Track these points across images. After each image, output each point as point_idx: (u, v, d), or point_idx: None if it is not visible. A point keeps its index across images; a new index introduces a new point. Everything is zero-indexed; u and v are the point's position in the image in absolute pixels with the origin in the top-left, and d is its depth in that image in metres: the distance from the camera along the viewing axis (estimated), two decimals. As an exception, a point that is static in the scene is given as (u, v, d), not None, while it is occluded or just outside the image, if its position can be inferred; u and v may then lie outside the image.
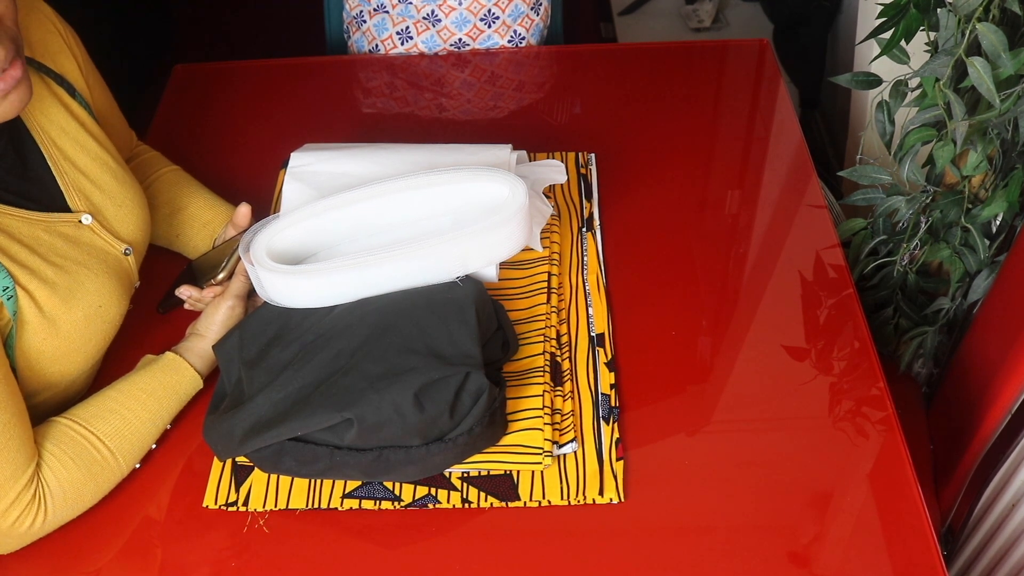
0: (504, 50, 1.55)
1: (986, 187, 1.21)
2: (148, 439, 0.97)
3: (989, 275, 1.24)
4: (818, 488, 0.95)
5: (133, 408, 0.95)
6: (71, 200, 0.97)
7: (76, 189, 0.98)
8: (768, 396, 1.03)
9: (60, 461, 0.90)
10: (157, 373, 0.99)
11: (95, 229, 0.98)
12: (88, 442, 0.92)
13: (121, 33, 2.44)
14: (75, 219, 0.97)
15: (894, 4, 1.08)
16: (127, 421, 0.95)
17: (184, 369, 1.00)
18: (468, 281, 1.02)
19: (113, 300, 0.98)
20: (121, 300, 0.99)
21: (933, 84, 1.10)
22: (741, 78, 1.47)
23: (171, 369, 0.99)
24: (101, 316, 0.96)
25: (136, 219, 1.03)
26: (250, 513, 0.94)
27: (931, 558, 0.89)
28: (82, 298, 0.94)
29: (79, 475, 0.91)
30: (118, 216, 1.01)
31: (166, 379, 0.99)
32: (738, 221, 1.24)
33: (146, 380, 0.98)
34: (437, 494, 0.94)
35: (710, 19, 2.52)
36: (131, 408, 0.95)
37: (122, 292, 1.00)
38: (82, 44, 1.04)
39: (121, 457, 0.94)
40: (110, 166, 1.02)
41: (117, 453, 0.94)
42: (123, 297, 1.00)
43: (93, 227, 0.98)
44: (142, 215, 1.05)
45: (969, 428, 1.17)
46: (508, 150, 1.16)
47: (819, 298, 1.12)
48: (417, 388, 0.89)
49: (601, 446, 0.97)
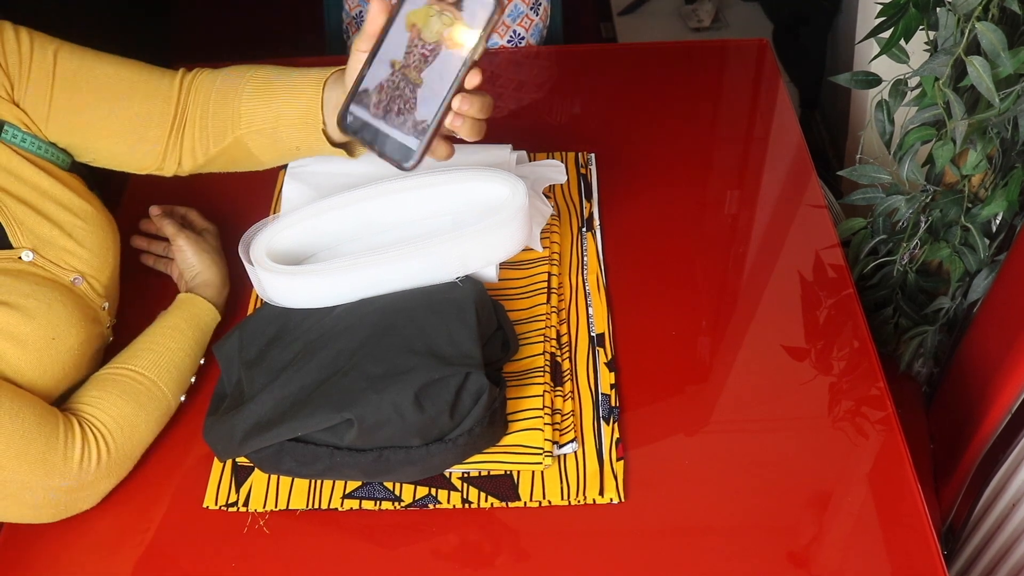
0: (504, 50, 1.55)
1: (986, 186, 1.21)
2: (186, 370, 1.00)
3: (989, 274, 1.24)
4: (818, 488, 0.95)
5: (164, 343, 0.99)
6: (12, 236, 0.93)
7: (17, 224, 0.93)
8: (768, 396, 1.03)
9: (104, 398, 0.93)
10: (175, 311, 1.03)
11: (37, 264, 0.94)
12: (128, 377, 0.95)
13: (121, 33, 2.43)
14: (14, 256, 0.93)
15: (893, 3, 1.08)
16: (161, 355, 0.98)
17: (199, 302, 1.04)
18: (468, 281, 1.02)
19: (69, 330, 0.93)
20: (80, 328, 0.95)
21: (932, 83, 1.10)
22: (741, 78, 1.47)
23: (188, 304, 1.03)
24: (56, 347, 0.92)
25: (93, 245, 0.98)
26: (250, 514, 0.94)
27: (931, 558, 0.89)
28: (32, 332, 0.90)
29: (127, 406, 0.94)
30: (68, 247, 0.96)
31: (185, 314, 1.02)
32: (738, 221, 1.24)
33: (168, 319, 1.02)
34: (437, 494, 0.94)
35: (710, 19, 2.52)
36: (162, 343, 0.99)
37: (80, 319, 0.95)
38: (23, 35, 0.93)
39: (165, 386, 0.97)
40: (54, 194, 0.96)
41: (160, 382, 0.97)
42: (82, 324, 0.95)
43: (35, 262, 0.94)
44: (100, 239, 0.99)
45: (969, 427, 1.17)
46: (508, 150, 1.16)
47: (819, 298, 1.12)
48: (417, 388, 0.89)
49: (601, 446, 0.97)
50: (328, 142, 0.92)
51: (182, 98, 0.98)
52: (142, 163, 1.01)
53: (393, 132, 0.77)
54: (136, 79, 0.97)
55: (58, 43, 0.95)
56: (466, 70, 0.75)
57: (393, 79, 0.76)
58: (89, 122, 0.96)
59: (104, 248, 1.00)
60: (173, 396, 0.98)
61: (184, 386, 1.01)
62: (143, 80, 0.97)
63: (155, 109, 0.97)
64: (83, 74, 0.95)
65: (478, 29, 0.74)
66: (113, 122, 0.97)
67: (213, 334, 1.06)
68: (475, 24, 0.73)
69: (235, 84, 0.97)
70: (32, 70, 0.93)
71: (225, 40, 2.73)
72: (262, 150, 0.98)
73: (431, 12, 0.74)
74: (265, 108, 0.94)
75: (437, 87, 0.76)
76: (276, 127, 0.94)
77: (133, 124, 0.97)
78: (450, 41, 0.74)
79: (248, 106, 0.95)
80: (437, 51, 0.75)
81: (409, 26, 0.75)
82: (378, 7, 0.76)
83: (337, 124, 0.79)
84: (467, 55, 0.74)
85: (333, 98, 0.90)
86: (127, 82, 0.97)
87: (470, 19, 0.73)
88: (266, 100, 0.94)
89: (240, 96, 0.96)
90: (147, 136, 0.98)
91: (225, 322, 1.08)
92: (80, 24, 1.07)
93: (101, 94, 0.96)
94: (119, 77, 0.96)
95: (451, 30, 0.74)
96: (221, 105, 0.97)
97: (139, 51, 1.01)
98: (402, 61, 0.76)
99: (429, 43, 0.75)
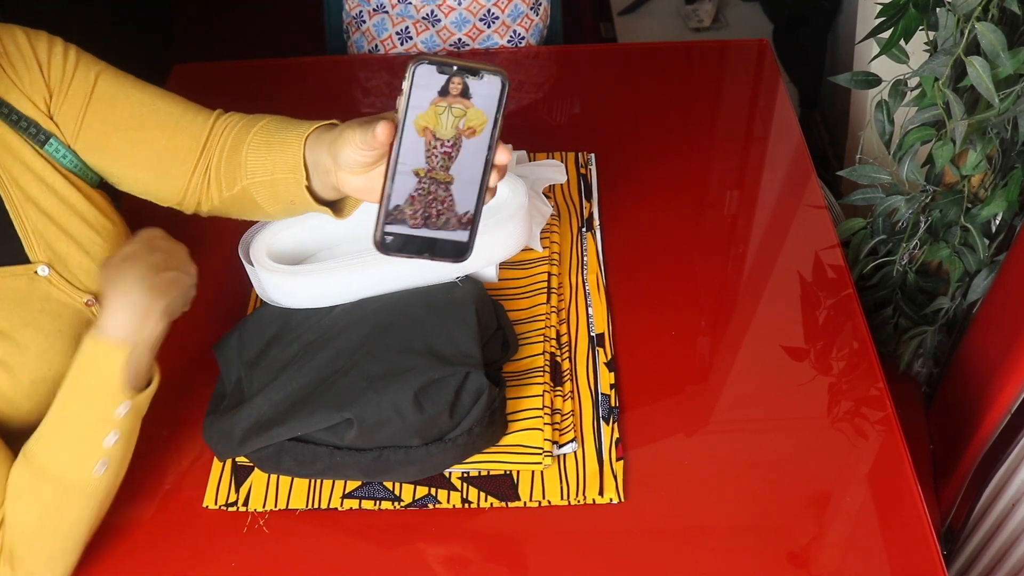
0: (504, 50, 1.55)
1: (985, 186, 1.21)
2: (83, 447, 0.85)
3: (988, 275, 1.24)
4: (818, 488, 0.95)
5: (57, 413, 0.85)
6: (30, 249, 0.90)
7: (37, 236, 0.90)
8: (768, 396, 1.03)
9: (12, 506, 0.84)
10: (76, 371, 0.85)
11: (52, 281, 0.90)
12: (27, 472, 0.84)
13: (121, 33, 2.44)
14: (30, 271, 0.89)
15: (893, 4, 1.08)
16: (54, 430, 0.84)
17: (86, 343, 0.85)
18: (468, 281, 1.02)
19: (63, 360, 0.88)
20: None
21: (932, 83, 1.10)
22: (741, 78, 1.47)
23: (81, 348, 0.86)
24: (52, 376, 0.88)
25: None
26: (250, 513, 0.94)
27: (931, 558, 0.89)
28: (26, 364, 0.87)
29: (29, 515, 0.84)
30: (84, 265, 0.93)
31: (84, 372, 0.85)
32: (738, 221, 1.24)
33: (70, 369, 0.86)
34: (437, 494, 0.94)
35: (710, 19, 2.52)
36: (56, 413, 0.85)
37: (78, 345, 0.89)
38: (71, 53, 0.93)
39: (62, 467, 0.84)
40: (80, 209, 0.93)
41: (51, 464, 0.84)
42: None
43: (50, 279, 0.90)
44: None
45: (969, 428, 1.17)
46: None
47: (818, 298, 1.12)
48: (417, 388, 0.89)
49: (601, 446, 0.97)
50: (313, 199, 0.89)
51: (211, 140, 0.96)
52: (165, 196, 0.98)
53: (439, 234, 0.75)
54: (171, 113, 0.95)
55: (103, 66, 0.94)
56: (494, 152, 0.74)
57: (423, 186, 0.74)
58: (116, 147, 0.94)
59: None
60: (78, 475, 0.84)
61: (88, 459, 0.84)
62: (178, 115, 0.95)
63: (183, 146, 0.95)
64: (120, 99, 0.93)
65: (492, 111, 0.72)
66: (141, 151, 0.95)
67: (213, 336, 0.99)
68: (488, 107, 0.72)
69: (246, 132, 0.95)
70: (72, 86, 0.92)
71: (225, 40, 2.74)
72: (266, 202, 0.95)
73: (439, 111, 0.71)
74: (263, 161, 0.92)
75: (469, 178, 0.74)
76: (274, 181, 0.92)
77: (160, 156, 0.95)
78: (468, 131, 0.72)
79: (251, 157, 0.93)
80: (459, 145, 0.73)
81: (421, 130, 0.72)
82: (386, 128, 0.73)
83: (377, 248, 0.75)
84: (489, 138, 0.73)
85: (312, 156, 0.87)
86: (161, 114, 0.95)
87: (482, 103, 0.71)
88: (264, 153, 0.92)
89: (246, 147, 0.94)
90: (172, 171, 0.96)
91: (225, 322, 1.07)
92: (81, 24, 1.07)
93: (133, 122, 0.93)
94: (155, 108, 0.94)
95: (466, 120, 0.72)
96: (232, 152, 0.95)
97: (140, 50, 1.01)
98: (426, 166, 0.73)
99: (448, 140, 0.72)
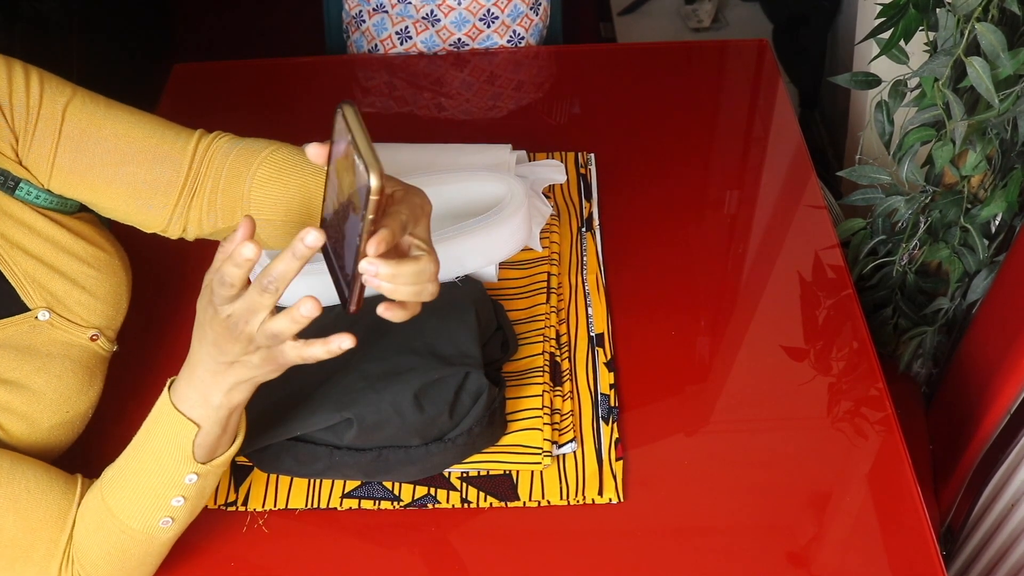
0: (503, 50, 1.55)
1: (985, 187, 1.21)
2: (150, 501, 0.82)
3: (988, 275, 1.24)
4: (817, 488, 0.95)
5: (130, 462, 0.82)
6: (26, 296, 0.87)
7: (31, 282, 0.87)
8: (768, 396, 1.03)
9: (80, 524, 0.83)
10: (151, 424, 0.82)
11: (54, 324, 0.89)
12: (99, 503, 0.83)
13: (121, 33, 2.44)
14: (30, 318, 0.87)
15: (893, 4, 1.08)
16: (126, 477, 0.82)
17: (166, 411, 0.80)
18: (468, 281, 1.02)
19: (81, 397, 0.89)
20: (90, 389, 0.91)
21: (932, 84, 1.10)
22: (741, 78, 1.47)
23: (156, 411, 0.81)
24: (71, 418, 0.89)
25: (107, 293, 0.93)
26: (249, 513, 0.94)
27: (930, 558, 0.89)
28: (44, 411, 0.86)
29: (92, 542, 0.83)
30: (83, 301, 0.90)
31: (156, 430, 0.81)
32: (737, 221, 1.24)
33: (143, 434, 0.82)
34: (437, 494, 0.94)
35: (710, 19, 2.52)
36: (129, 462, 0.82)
37: (91, 379, 0.91)
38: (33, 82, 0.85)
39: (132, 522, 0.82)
40: (66, 245, 0.90)
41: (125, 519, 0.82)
42: (92, 384, 0.92)
43: (52, 322, 0.88)
44: (113, 285, 0.94)
45: (968, 428, 1.17)
46: (508, 150, 1.17)
47: (818, 298, 1.12)
48: (417, 388, 0.89)
49: (600, 446, 0.97)
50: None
51: (195, 166, 0.91)
52: (148, 225, 0.93)
53: (338, 270, 0.71)
54: (147, 141, 0.89)
55: (69, 94, 0.88)
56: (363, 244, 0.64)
57: (334, 219, 0.68)
58: (92, 185, 0.89)
59: (117, 295, 0.94)
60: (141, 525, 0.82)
61: (154, 514, 0.82)
62: (154, 144, 0.90)
63: (163, 177, 0.90)
64: (92, 133, 0.88)
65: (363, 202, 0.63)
66: (118, 187, 0.90)
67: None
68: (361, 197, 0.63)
69: (248, 163, 0.91)
70: (39, 126, 0.86)
71: (225, 40, 2.74)
72: (270, 238, 0.92)
73: (347, 163, 0.64)
74: (275, 198, 0.89)
75: (350, 244, 0.66)
76: (286, 220, 0.89)
77: (138, 190, 0.90)
78: (351, 205, 0.64)
79: (258, 193, 0.90)
80: (347, 210, 0.65)
81: (336, 174, 0.66)
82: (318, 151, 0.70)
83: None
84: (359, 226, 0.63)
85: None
86: (137, 144, 0.89)
87: (359, 186, 0.63)
88: (276, 189, 0.89)
89: (252, 179, 0.90)
90: (153, 203, 0.91)
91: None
92: (81, 24, 1.06)
93: (108, 158, 0.88)
94: (129, 138, 0.89)
95: (352, 192, 0.64)
96: (232, 183, 0.91)
97: (140, 50, 1.01)
98: (336, 207, 0.68)
99: (344, 196, 0.65)
